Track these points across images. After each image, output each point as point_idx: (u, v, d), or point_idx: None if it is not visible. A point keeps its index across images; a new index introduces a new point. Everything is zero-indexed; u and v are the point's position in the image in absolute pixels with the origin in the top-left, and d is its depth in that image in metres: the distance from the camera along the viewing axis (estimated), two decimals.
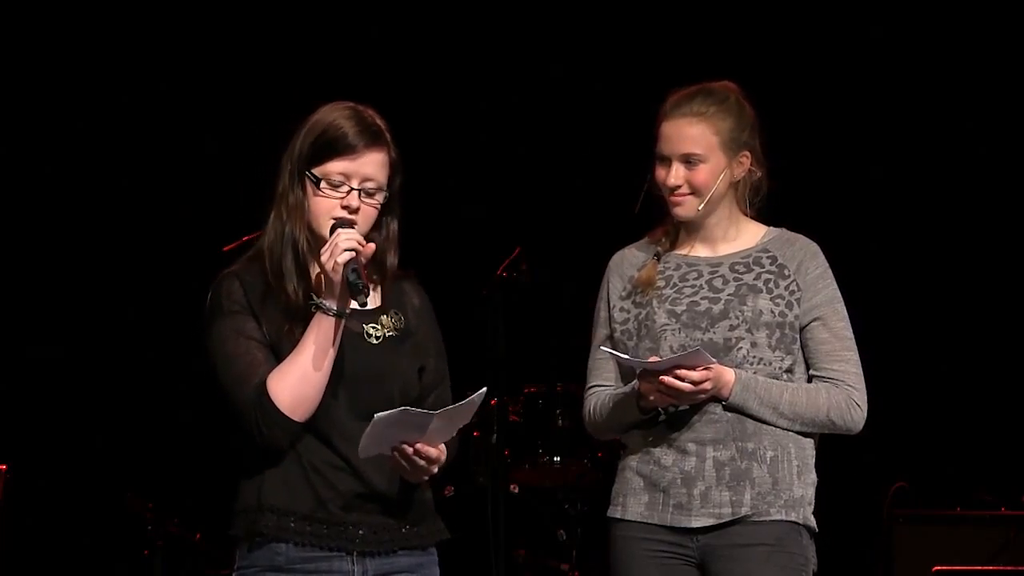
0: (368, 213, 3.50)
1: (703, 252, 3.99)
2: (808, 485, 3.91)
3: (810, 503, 3.91)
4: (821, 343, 3.91)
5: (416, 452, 3.41)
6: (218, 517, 3.54)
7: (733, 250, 3.97)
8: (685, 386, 3.76)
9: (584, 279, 4.24)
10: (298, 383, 3.41)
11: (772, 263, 3.94)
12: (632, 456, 3.94)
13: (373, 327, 3.53)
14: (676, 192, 3.92)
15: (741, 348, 3.86)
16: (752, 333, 3.87)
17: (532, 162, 7.31)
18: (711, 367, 3.78)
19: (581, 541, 6.55)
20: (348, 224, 3.46)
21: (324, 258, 3.41)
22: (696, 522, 3.84)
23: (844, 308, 3.95)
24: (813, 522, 3.91)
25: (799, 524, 3.87)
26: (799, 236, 4.01)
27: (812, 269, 3.94)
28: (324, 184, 3.48)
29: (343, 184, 3.48)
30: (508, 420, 6.21)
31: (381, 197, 3.52)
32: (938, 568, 6.03)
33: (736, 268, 3.94)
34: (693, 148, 3.90)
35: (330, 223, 3.47)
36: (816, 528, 3.92)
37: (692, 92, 3.93)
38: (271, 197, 3.55)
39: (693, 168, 3.91)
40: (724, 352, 3.86)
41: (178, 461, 7.03)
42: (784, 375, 3.89)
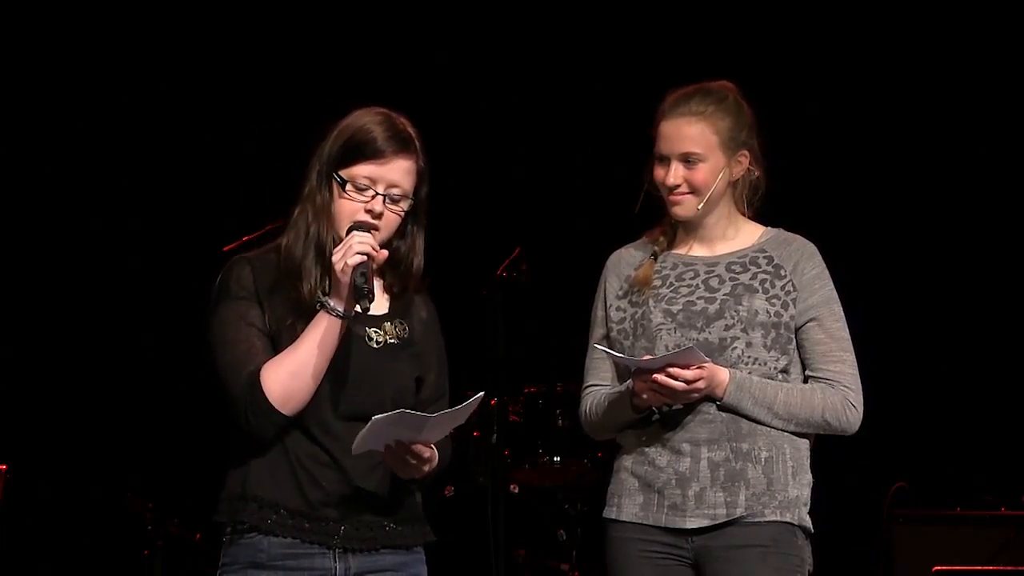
0: (391, 219, 3.51)
1: (700, 252, 3.99)
2: (803, 486, 3.91)
3: (805, 503, 3.90)
4: (817, 344, 3.91)
5: (410, 450, 3.41)
6: (213, 511, 3.54)
7: (730, 250, 3.97)
8: (678, 385, 3.76)
9: (584, 279, 4.24)
10: (291, 378, 3.42)
11: (769, 263, 3.94)
12: (627, 456, 3.94)
13: (376, 331, 3.54)
14: (675, 191, 3.92)
15: (736, 348, 3.86)
16: (747, 333, 3.86)
17: (532, 162, 7.31)
18: (704, 366, 3.78)
19: (581, 541, 6.55)
20: (366, 228, 3.47)
21: (335, 258, 3.42)
22: (691, 523, 3.84)
23: (840, 309, 3.95)
24: (809, 522, 3.90)
25: (794, 525, 3.86)
26: (796, 236, 4.01)
27: (808, 269, 3.94)
28: (350, 187, 3.50)
29: (368, 188, 3.50)
30: (508, 420, 6.21)
31: (406, 204, 3.53)
32: (938, 568, 6.03)
33: (732, 268, 3.94)
34: (692, 147, 3.90)
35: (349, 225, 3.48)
36: (812, 529, 3.91)
37: (691, 92, 3.94)
38: (297, 196, 3.56)
39: (692, 167, 3.91)
40: (719, 352, 3.85)
41: (178, 461, 7.03)
42: (779, 375, 3.89)
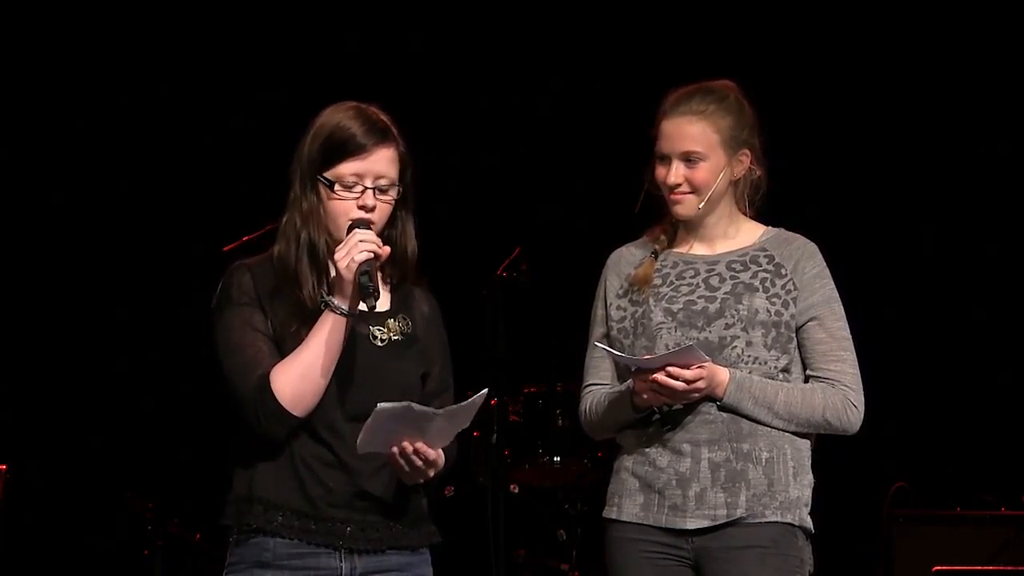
0: (383, 210, 3.51)
1: (701, 250, 3.98)
2: (804, 486, 3.90)
3: (807, 504, 3.90)
4: (817, 343, 3.90)
5: (416, 451, 3.41)
6: (218, 516, 3.54)
7: (731, 248, 3.97)
8: (678, 384, 3.76)
9: (584, 279, 4.24)
10: (301, 379, 3.42)
11: (769, 262, 3.93)
12: (627, 457, 3.93)
13: (379, 329, 3.54)
14: (676, 191, 3.92)
15: (736, 347, 3.85)
16: (747, 332, 3.86)
17: (532, 162, 7.31)
18: (704, 365, 3.77)
19: (581, 541, 6.55)
20: (365, 224, 3.47)
21: (339, 256, 3.42)
22: (691, 524, 3.83)
23: (841, 308, 3.94)
24: (809, 523, 3.90)
25: (795, 526, 3.86)
26: (797, 236, 4.00)
27: (809, 269, 3.93)
28: (338, 187, 3.49)
29: (357, 184, 3.49)
30: (508, 420, 6.21)
31: (395, 192, 3.53)
32: (938, 568, 6.03)
33: (733, 266, 3.94)
34: (693, 146, 3.89)
35: (347, 224, 3.48)
36: (812, 529, 3.91)
37: (692, 91, 3.93)
38: (283, 204, 3.55)
39: (693, 166, 3.90)
40: (719, 351, 3.85)
41: (178, 461, 7.03)
42: (780, 375, 3.88)
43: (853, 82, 7.14)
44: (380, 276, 3.50)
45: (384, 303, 3.57)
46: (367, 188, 3.49)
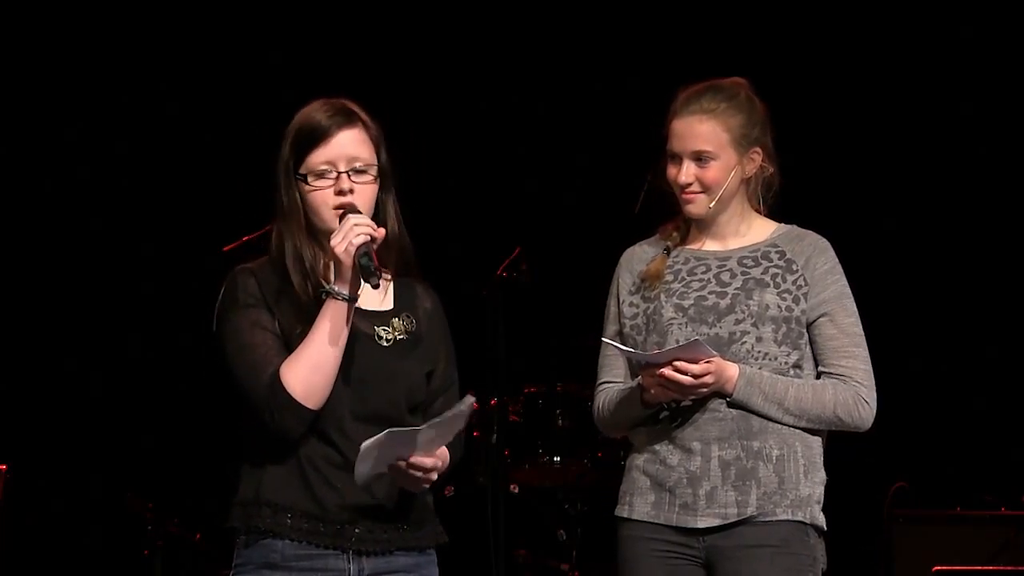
0: (365, 192, 3.50)
1: (712, 247, 3.98)
2: (816, 484, 3.89)
3: (818, 501, 3.89)
4: (829, 339, 3.90)
5: (411, 466, 3.41)
6: (218, 517, 3.54)
7: (742, 245, 3.96)
8: (685, 379, 3.75)
9: (584, 279, 4.24)
10: (311, 371, 3.41)
11: (780, 258, 3.93)
12: (638, 455, 3.93)
13: (384, 329, 3.54)
14: (687, 190, 3.92)
15: (746, 343, 3.85)
16: (758, 327, 3.85)
17: (532, 162, 7.31)
18: (712, 360, 3.77)
19: (581, 541, 6.55)
20: (354, 209, 3.46)
21: (335, 242, 3.41)
22: (702, 522, 3.84)
23: (853, 304, 3.93)
24: (822, 520, 3.89)
25: (806, 524, 3.85)
26: (809, 232, 3.99)
27: (820, 264, 3.92)
28: (311, 177, 3.50)
29: (330, 171, 3.49)
30: (508, 420, 6.21)
31: (373, 172, 3.52)
32: (938, 568, 6.03)
33: (744, 262, 3.93)
34: (703, 145, 3.89)
35: (331, 214, 3.48)
36: (825, 527, 3.90)
37: (702, 89, 3.92)
38: (271, 210, 3.56)
39: (704, 165, 3.90)
40: (729, 346, 3.84)
41: (178, 461, 7.03)
42: (791, 371, 3.88)
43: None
44: (382, 273, 3.50)
45: (388, 303, 3.57)
46: (340, 172, 3.49)
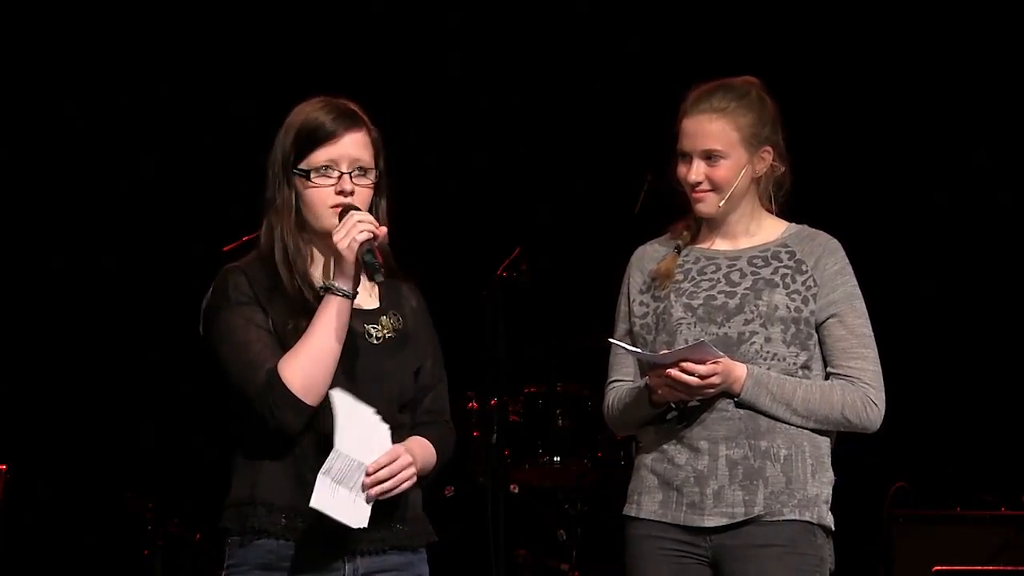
0: (364, 195, 3.52)
1: (723, 246, 3.97)
2: (824, 484, 3.89)
3: (826, 501, 3.88)
4: (838, 340, 3.89)
5: (373, 481, 3.39)
6: (218, 517, 3.54)
7: (752, 244, 3.96)
8: (691, 380, 3.75)
9: (584, 279, 4.24)
10: (310, 365, 3.41)
11: (790, 258, 3.92)
12: (646, 454, 3.93)
13: (374, 327, 3.55)
14: (697, 189, 3.91)
15: (755, 343, 3.84)
16: (767, 328, 3.85)
17: (532, 162, 7.31)
18: (719, 361, 3.76)
19: (581, 541, 6.55)
20: (354, 208, 3.47)
21: (338, 238, 3.42)
22: (709, 522, 3.83)
23: (863, 305, 3.92)
24: (830, 520, 3.88)
25: (813, 523, 3.85)
26: (820, 232, 3.98)
27: (830, 265, 3.92)
28: (314, 175, 3.50)
29: (332, 170, 3.50)
30: (508, 420, 6.21)
31: (373, 176, 3.53)
32: (938, 568, 6.03)
33: (754, 262, 3.92)
34: (714, 144, 3.87)
35: (329, 212, 3.49)
36: (833, 527, 3.89)
37: (712, 88, 3.91)
38: (262, 207, 3.56)
39: (714, 164, 3.88)
40: (738, 346, 3.84)
41: (178, 461, 7.03)
42: (800, 371, 3.87)
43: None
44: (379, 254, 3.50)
45: (375, 302, 3.58)
46: (343, 173, 3.50)
